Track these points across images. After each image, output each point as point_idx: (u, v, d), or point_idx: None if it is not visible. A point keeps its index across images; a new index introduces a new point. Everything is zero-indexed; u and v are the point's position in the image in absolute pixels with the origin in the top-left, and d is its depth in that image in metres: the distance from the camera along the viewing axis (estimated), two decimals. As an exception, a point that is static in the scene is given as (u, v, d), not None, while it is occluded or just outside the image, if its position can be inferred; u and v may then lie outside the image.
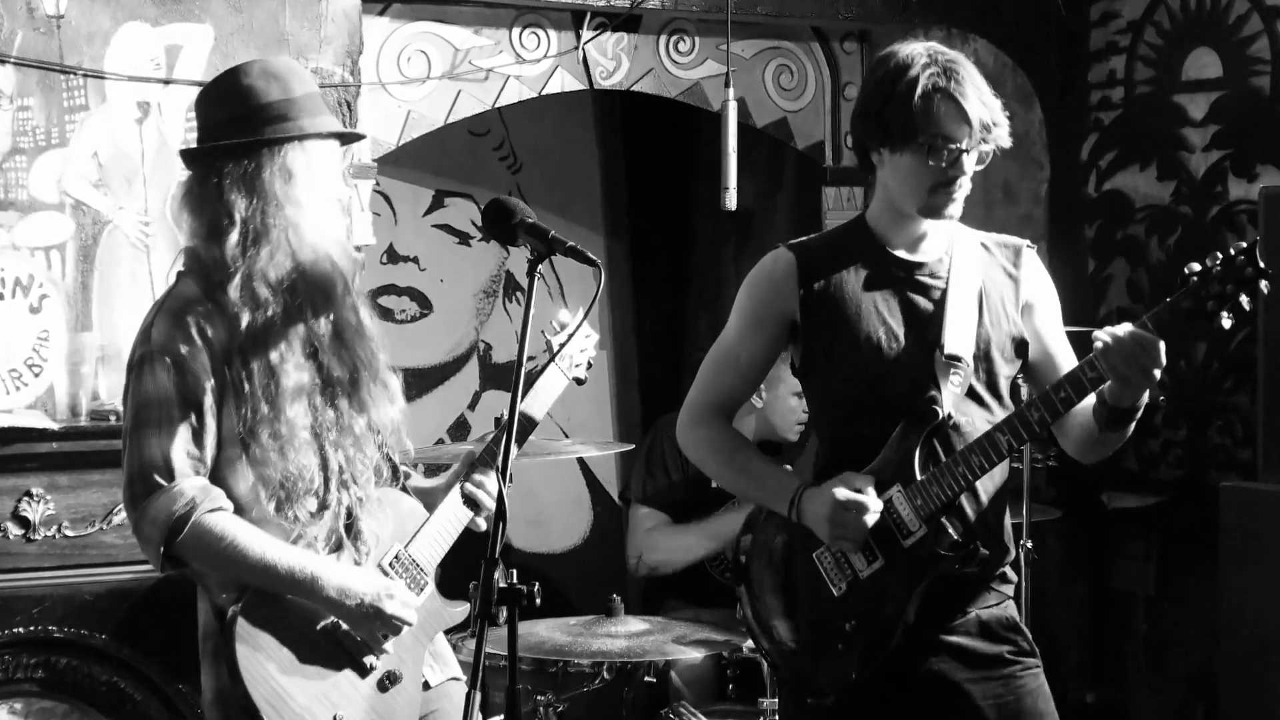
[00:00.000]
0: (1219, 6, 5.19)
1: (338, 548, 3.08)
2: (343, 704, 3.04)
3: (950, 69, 3.00)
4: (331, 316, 3.08)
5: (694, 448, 3.26)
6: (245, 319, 2.98)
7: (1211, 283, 2.82)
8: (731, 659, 4.45)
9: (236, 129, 3.03)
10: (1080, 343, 3.09)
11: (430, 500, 3.26)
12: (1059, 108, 5.58)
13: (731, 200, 4.71)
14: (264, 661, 2.98)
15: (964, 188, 3.06)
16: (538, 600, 2.62)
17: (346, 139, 3.23)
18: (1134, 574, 5.48)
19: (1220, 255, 2.82)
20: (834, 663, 3.09)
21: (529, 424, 3.34)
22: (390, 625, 3.06)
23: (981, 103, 3.00)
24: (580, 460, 6.32)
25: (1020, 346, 3.15)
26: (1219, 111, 5.21)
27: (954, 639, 3.09)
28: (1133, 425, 3.02)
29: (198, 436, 2.98)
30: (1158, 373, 2.86)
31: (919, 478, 3.01)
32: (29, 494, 4.05)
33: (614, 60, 5.29)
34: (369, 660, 3.08)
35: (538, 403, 3.35)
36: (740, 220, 6.23)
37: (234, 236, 3.00)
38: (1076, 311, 4.92)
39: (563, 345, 3.35)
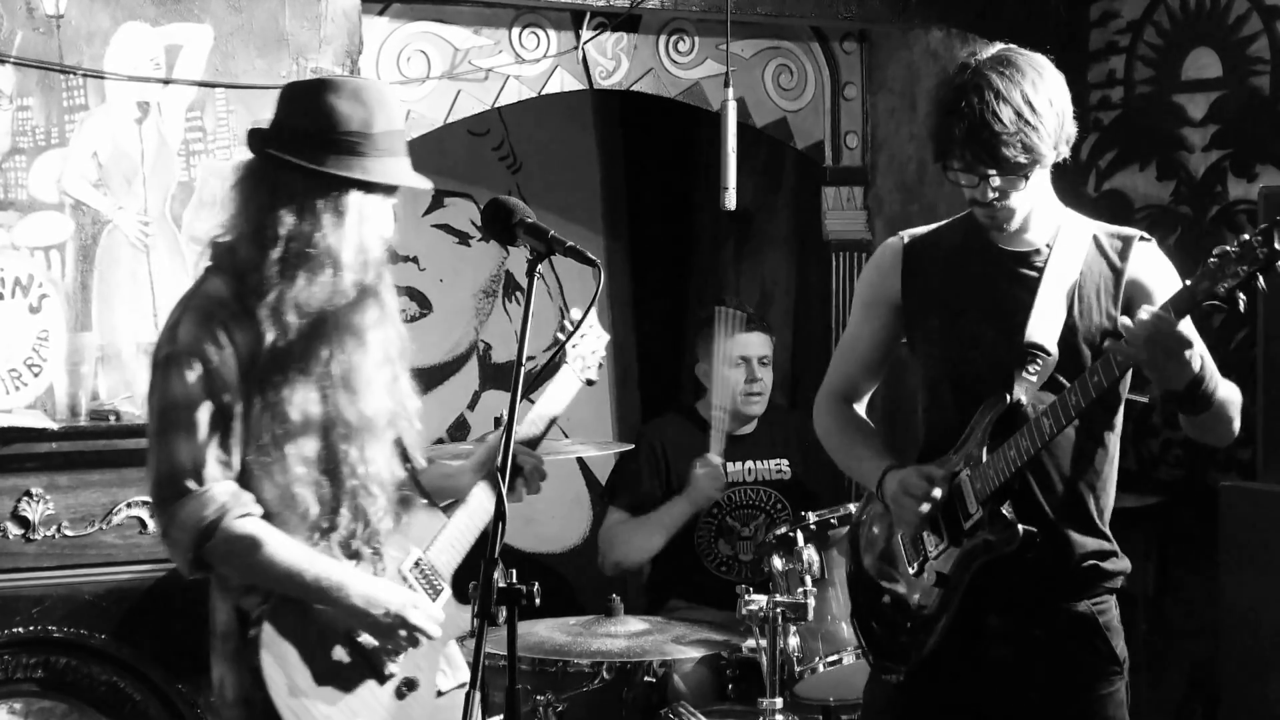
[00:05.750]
0: (1219, 6, 5.19)
1: (353, 559, 3.07)
2: (363, 712, 3.04)
3: (978, 91, 2.95)
4: (360, 353, 3.05)
5: (820, 432, 3.41)
6: (269, 338, 2.95)
7: (1228, 265, 2.82)
8: (731, 659, 4.45)
9: (304, 144, 2.98)
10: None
11: (449, 485, 3.29)
12: (1059, 107, 5.56)
13: (731, 200, 4.70)
14: (287, 669, 2.97)
15: (1003, 210, 3.06)
16: (537, 600, 2.63)
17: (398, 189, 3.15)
18: (1134, 574, 5.45)
19: (1238, 241, 2.82)
20: (904, 640, 3.18)
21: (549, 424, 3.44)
22: (414, 636, 3.06)
23: (998, 133, 2.95)
24: (580, 460, 6.31)
25: (1113, 339, 3.11)
26: (1218, 111, 5.20)
27: (1036, 631, 3.13)
28: (1206, 403, 2.99)
29: (225, 440, 2.95)
30: (1187, 353, 2.86)
31: (984, 461, 3.06)
32: (28, 494, 4.05)
33: (613, 60, 5.28)
34: (388, 668, 3.08)
35: (553, 404, 3.40)
36: (740, 220, 6.22)
37: (275, 252, 2.95)
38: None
39: (568, 338, 3.36)
